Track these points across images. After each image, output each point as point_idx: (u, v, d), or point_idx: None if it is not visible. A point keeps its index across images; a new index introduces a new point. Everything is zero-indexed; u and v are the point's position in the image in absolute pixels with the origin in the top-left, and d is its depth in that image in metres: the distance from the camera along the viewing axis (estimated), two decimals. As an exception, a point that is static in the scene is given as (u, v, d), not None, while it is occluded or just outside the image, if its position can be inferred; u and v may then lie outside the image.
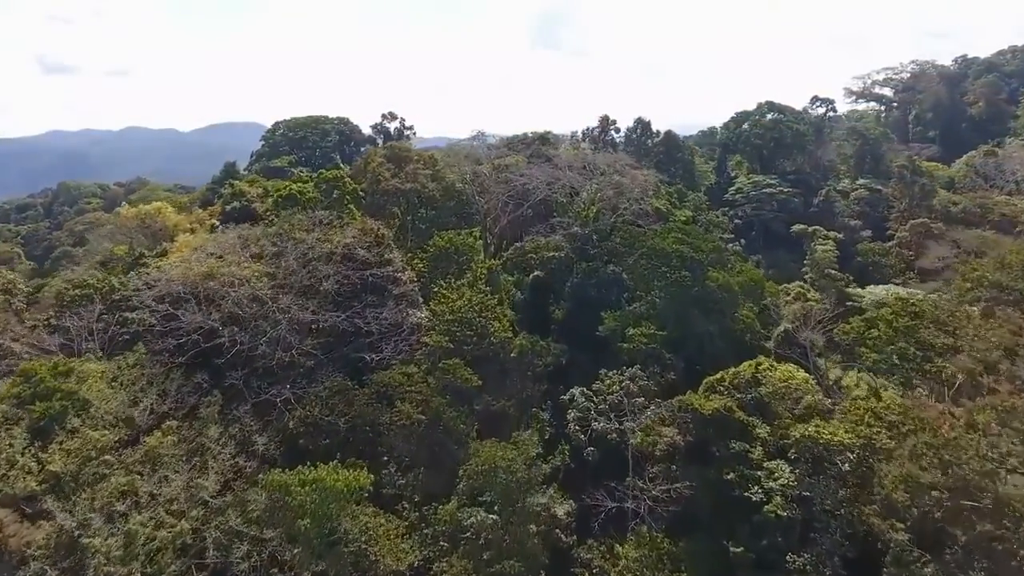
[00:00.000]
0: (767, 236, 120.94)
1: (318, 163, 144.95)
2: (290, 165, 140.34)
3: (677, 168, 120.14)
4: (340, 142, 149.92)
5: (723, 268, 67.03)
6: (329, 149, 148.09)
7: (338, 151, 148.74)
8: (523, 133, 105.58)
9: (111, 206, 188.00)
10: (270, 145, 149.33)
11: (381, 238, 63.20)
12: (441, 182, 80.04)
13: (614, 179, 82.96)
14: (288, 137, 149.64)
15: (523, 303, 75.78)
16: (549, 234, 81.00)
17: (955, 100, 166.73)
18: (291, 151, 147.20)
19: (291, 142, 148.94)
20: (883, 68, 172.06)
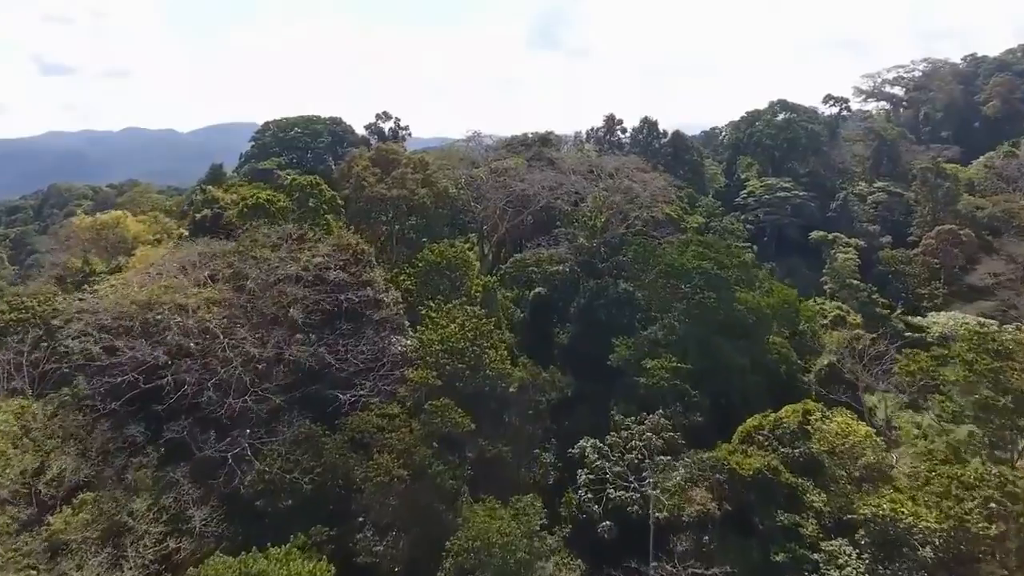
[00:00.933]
0: (780, 242, 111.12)
1: (310, 165, 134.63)
2: (279, 167, 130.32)
3: (686, 170, 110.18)
4: (333, 143, 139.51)
5: (751, 286, 57.27)
6: (321, 150, 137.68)
7: (330, 152, 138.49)
8: (523, 134, 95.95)
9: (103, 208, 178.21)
10: (259, 146, 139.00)
11: (360, 254, 53.31)
12: (432, 188, 70.13)
13: (623, 183, 73.05)
14: (278, 138, 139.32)
15: (523, 323, 66.04)
16: (552, 245, 71.34)
17: (968, 99, 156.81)
18: (281, 152, 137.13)
19: (281, 143, 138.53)
20: (894, 66, 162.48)
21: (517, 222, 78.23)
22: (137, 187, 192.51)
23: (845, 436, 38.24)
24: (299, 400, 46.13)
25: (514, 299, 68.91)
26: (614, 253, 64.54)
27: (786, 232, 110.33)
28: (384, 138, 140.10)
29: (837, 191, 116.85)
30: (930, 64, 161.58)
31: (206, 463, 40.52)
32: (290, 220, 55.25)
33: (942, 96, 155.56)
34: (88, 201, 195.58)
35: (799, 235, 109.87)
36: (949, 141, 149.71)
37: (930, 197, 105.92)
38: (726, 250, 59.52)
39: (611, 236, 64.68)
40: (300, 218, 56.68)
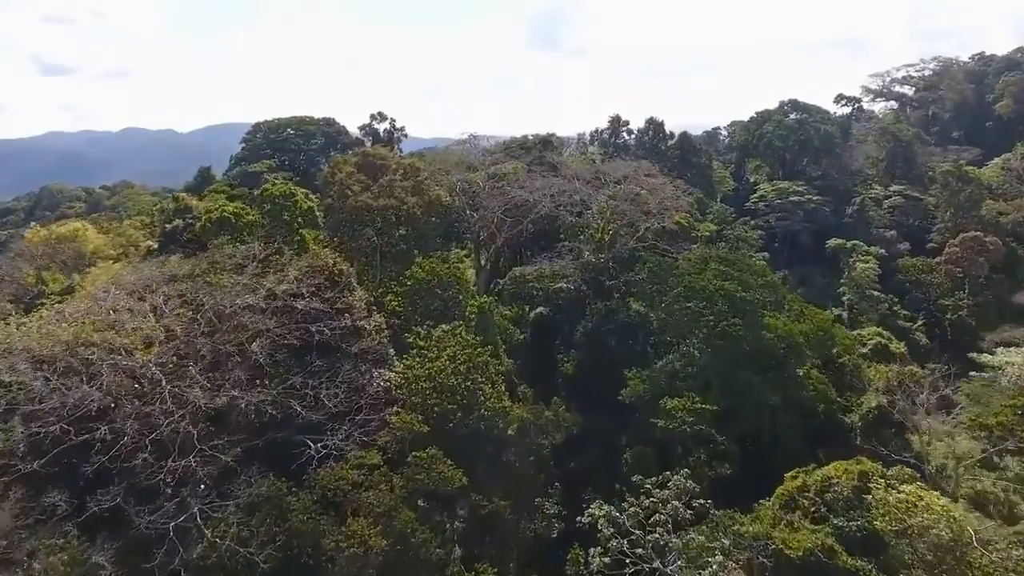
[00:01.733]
0: (793, 249, 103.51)
1: (302, 167, 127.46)
2: (270, 170, 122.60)
3: (693, 173, 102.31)
4: (326, 144, 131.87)
5: (779, 309, 49.57)
6: (314, 152, 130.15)
7: (324, 154, 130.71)
8: (523, 136, 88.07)
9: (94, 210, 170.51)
10: (250, 148, 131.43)
11: (338, 276, 45.58)
12: (424, 196, 62.32)
13: (631, 190, 65.16)
14: (270, 139, 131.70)
15: (523, 345, 58.37)
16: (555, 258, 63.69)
17: (980, 98, 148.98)
18: (273, 154, 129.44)
19: (273, 145, 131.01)
20: (903, 65, 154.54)
21: (516, 231, 70.40)
22: (130, 189, 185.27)
23: (915, 511, 30.54)
24: (261, 451, 38.44)
25: (513, 318, 61.23)
26: (624, 269, 56.83)
27: (799, 238, 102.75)
28: (379, 139, 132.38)
29: (852, 195, 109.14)
30: (941, 63, 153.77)
31: (141, 539, 32.84)
32: (259, 236, 47.42)
33: (953, 96, 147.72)
34: (81, 203, 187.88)
35: (813, 241, 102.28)
36: (960, 141, 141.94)
37: (951, 202, 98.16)
38: (749, 268, 51.71)
39: (620, 250, 56.93)
40: (271, 233, 48.88)
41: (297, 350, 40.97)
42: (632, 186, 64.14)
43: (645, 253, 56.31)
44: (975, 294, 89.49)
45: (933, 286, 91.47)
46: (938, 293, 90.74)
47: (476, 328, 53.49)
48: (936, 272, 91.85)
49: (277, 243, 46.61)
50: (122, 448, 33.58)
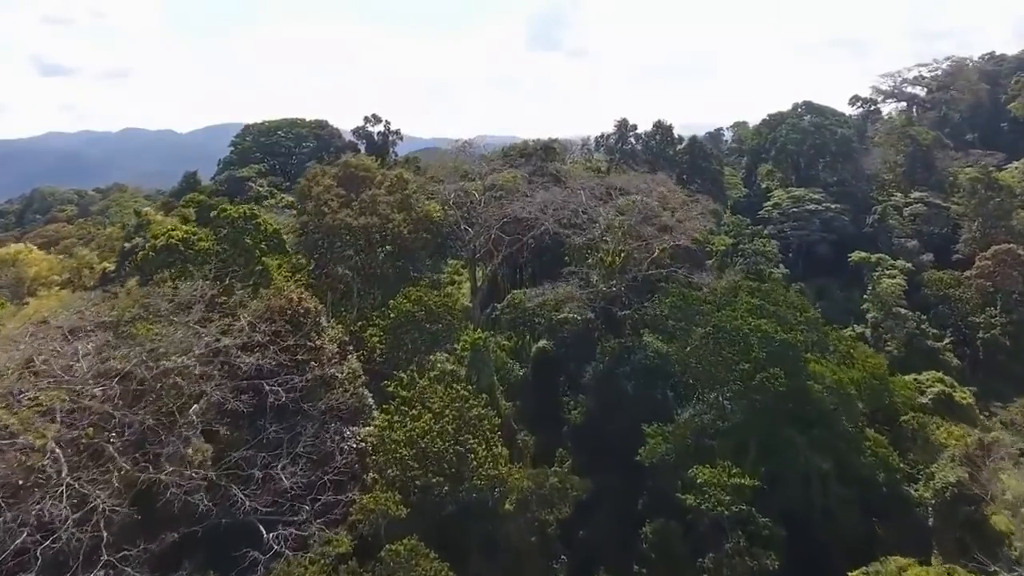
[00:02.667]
0: (809, 260, 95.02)
1: (293, 172, 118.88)
2: (259, 174, 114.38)
3: (704, 180, 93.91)
4: (318, 148, 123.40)
5: (823, 351, 41.28)
6: (305, 156, 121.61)
7: (316, 158, 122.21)
8: (523, 142, 79.56)
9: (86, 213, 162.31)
10: (239, 152, 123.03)
11: (304, 316, 37.33)
12: (412, 212, 54.00)
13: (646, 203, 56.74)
14: (260, 143, 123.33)
15: (524, 383, 50.08)
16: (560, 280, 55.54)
17: (995, 99, 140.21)
18: (263, 158, 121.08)
19: (263, 148, 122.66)
20: (916, 65, 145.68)
21: (516, 248, 62.09)
22: (122, 192, 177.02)
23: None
24: (201, 541, 30.27)
25: (512, 350, 52.98)
26: (638, 297, 48.56)
27: (815, 248, 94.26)
28: (373, 143, 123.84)
29: (869, 202, 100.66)
30: (953, 63, 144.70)
31: None
32: (213, 267, 39.02)
33: (967, 96, 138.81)
34: (72, 206, 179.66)
35: (831, 252, 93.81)
36: (975, 143, 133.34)
37: (979, 211, 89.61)
38: (786, 301, 43.33)
39: (634, 276, 48.54)
40: (228, 262, 40.49)
41: (248, 415, 32.68)
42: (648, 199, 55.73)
43: (663, 281, 47.98)
44: (1009, 311, 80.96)
45: (962, 301, 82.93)
46: (968, 309, 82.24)
47: (469, 366, 45.35)
48: (966, 287, 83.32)
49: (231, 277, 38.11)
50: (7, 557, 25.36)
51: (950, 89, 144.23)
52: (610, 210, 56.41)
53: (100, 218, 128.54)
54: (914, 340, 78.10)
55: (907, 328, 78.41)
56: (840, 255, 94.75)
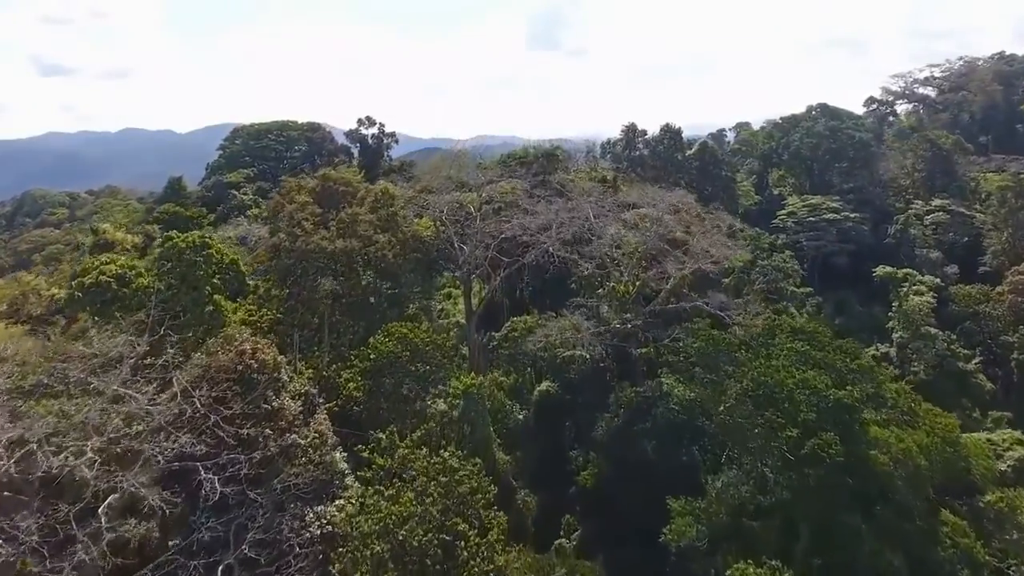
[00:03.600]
0: (826, 271, 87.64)
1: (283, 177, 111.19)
2: (247, 180, 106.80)
3: (715, 187, 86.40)
4: (310, 152, 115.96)
5: (879, 405, 33.85)
6: (296, 160, 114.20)
7: (308, 162, 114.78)
8: (523, 149, 71.97)
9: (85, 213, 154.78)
10: (227, 156, 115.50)
11: (258, 371, 29.90)
12: (398, 232, 46.52)
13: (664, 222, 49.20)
14: (249, 146, 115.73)
15: (525, 431, 42.73)
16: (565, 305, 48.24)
17: (1009, 101, 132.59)
18: (252, 163, 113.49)
19: (252, 152, 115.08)
20: (927, 65, 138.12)
21: (515, 269, 54.59)
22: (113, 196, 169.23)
23: None
24: None
25: (511, 388, 45.64)
26: (655, 332, 41.12)
27: (832, 260, 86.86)
28: (367, 146, 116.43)
29: (888, 209, 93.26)
30: (966, 63, 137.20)
31: None
32: (154, 309, 31.55)
33: (980, 97, 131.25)
34: (63, 209, 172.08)
35: (849, 264, 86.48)
36: (988, 146, 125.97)
37: (1009, 221, 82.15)
38: (831, 343, 35.82)
39: (652, 309, 40.94)
40: (172, 303, 33.04)
41: (177, 511, 25.27)
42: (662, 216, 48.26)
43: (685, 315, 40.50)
44: (1044, 330, 73.66)
45: (993, 319, 75.50)
46: (1000, 327, 74.80)
47: (462, 415, 38.05)
48: (996, 303, 75.88)
49: (172, 323, 30.57)
50: None
51: (962, 90, 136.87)
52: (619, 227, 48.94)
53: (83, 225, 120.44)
54: (944, 362, 70.82)
55: (936, 349, 71.05)
56: (858, 266, 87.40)
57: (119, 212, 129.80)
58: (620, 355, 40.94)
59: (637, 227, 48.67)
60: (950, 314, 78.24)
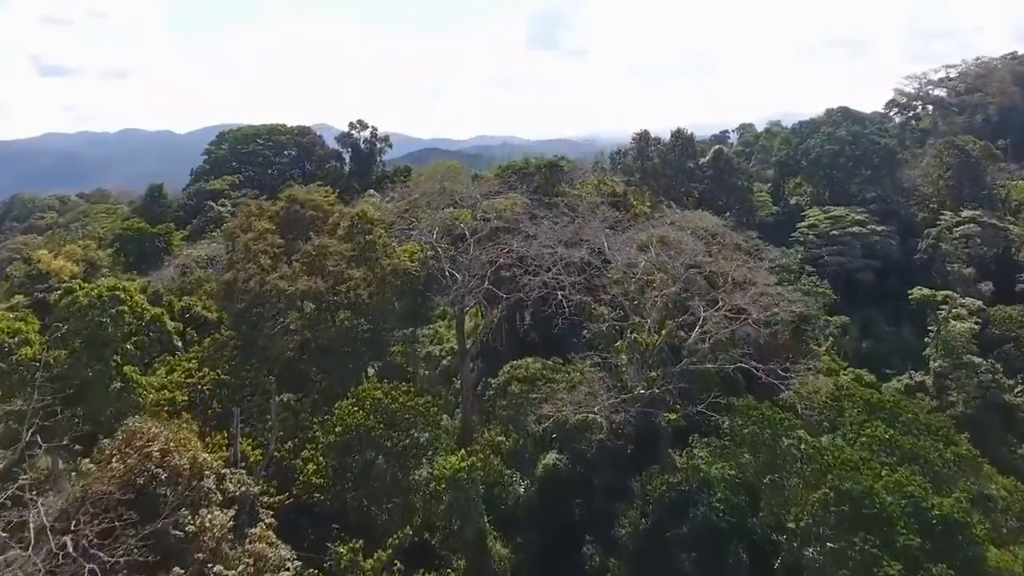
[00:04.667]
0: (849, 289, 78.96)
1: (273, 184, 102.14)
2: (233, 187, 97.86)
3: (730, 197, 77.67)
4: (299, 157, 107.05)
5: (992, 513, 25.19)
6: (285, 166, 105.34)
7: (298, 167, 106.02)
8: (523, 160, 63.03)
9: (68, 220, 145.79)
10: (213, 161, 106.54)
11: (173, 479, 21.31)
12: (377, 265, 37.79)
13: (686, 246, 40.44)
14: (236, 151, 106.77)
15: (527, 508, 34.11)
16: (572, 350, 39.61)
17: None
18: (240, 168, 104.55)
19: (239, 157, 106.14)
20: (943, 66, 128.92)
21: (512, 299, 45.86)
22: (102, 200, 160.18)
23: None
24: None
25: (510, 453, 37.00)
26: (689, 397, 32.40)
27: (857, 277, 78.22)
28: (359, 151, 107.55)
29: (913, 220, 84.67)
30: (982, 64, 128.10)
31: None
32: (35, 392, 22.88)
33: (1000, 99, 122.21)
34: (52, 213, 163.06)
35: (875, 281, 77.97)
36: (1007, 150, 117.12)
37: (1050, 236, 73.64)
38: (920, 422, 27.20)
39: (685, 368, 32.17)
40: (66, 379, 24.41)
41: None
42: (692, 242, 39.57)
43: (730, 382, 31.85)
44: (1093, 356, 65.22)
45: (1039, 344, 67.11)
46: (1046, 353, 66.39)
47: (449, 505, 29.62)
48: (1041, 325, 67.51)
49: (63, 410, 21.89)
50: None
51: (977, 91, 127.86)
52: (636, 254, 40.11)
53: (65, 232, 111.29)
54: (988, 393, 62.28)
55: (980, 379, 62.45)
56: (884, 283, 79.02)
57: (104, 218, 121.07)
58: (644, 424, 32.45)
59: (657, 256, 39.83)
60: (988, 337, 69.62)
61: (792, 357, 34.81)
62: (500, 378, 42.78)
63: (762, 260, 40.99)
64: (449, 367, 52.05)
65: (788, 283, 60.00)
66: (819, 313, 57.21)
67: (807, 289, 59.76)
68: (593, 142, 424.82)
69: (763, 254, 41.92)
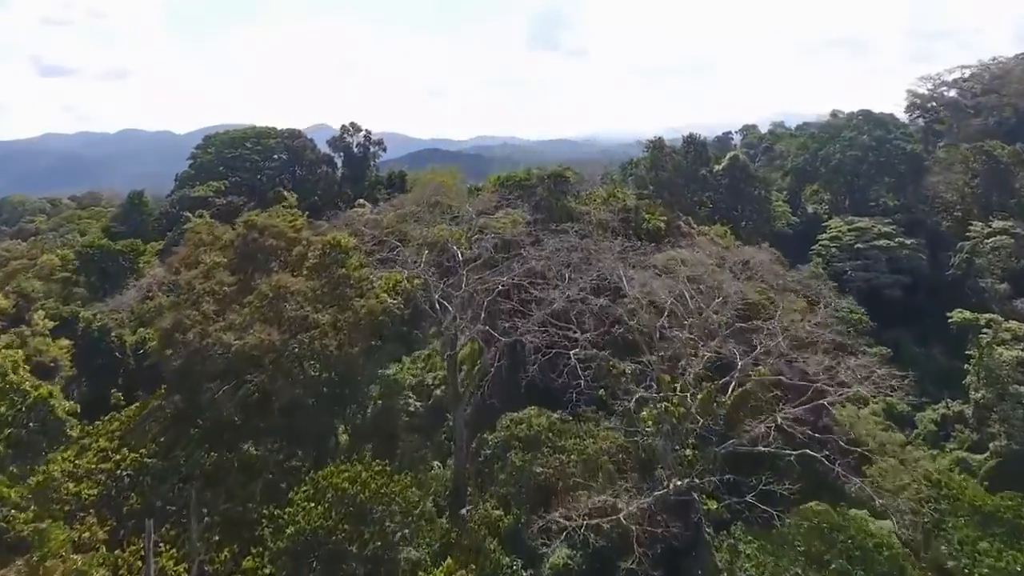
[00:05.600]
0: (874, 307, 71.47)
1: (262, 189, 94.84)
2: (218, 194, 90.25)
3: (746, 207, 70.27)
4: (289, 162, 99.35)
5: None
6: (275, 171, 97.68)
7: (287, 173, 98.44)
8: (524, 171, 55.43)
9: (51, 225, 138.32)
10: (198, 166, 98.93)
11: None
12: (349, 308, 30.38)
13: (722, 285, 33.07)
14: (222, 156, 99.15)
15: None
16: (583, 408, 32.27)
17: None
18: (227, 174, 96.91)
19: (225, 162, 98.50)
20: (957, 66, 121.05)
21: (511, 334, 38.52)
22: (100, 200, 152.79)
23: None
24: None
25: (509, 534, 29.73)
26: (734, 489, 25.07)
27: (883, 293, 70.75)
28: (351, 155, 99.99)
29: (939, 231, 77.34)
30: (1000, 64, 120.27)
31: None
32: None
33: (1018, 101, 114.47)
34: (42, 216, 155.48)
35: (904, 297, 70.45)
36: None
37: (1093, 250, 66.27)
38: None
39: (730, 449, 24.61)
40: None
41: None
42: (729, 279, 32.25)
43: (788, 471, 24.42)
44: None
45: (1086, 370, 59.55)
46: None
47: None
48: (1089, 351, 59.93)
49: None
50: None
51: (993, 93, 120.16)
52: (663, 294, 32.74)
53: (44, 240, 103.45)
54: (1038, 429, 54.95)
55: (1028, 411, 55.09)
56: (912, 300, 71.61)
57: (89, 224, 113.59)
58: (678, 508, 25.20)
59: (691, 298, 32.49)
60: (1027, 361, 62.11)
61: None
62: (499, 433, 35.53)
63: (824, 304, 33.32)
64: (443, 397, 44.75)
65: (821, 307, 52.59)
66: (859, 343, 49.74)
67: (844, 315, 52.31)
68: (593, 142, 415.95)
69: (823, 296, 34.28)
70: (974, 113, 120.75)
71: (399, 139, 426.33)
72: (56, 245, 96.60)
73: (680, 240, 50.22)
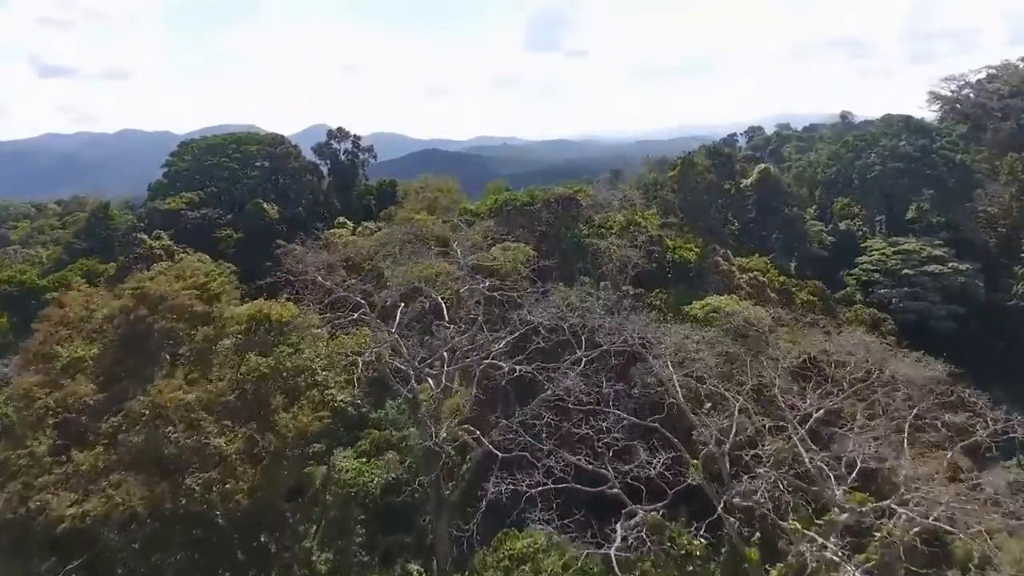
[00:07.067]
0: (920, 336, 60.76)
1: (242, 200, 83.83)
2: (191, 206, 79.10)
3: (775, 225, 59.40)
4: (272, 170, 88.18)
5: None
6: (255, 181, 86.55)
7: (269, 183, 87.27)
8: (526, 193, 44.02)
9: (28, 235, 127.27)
10: (172, 175, 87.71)
11: None
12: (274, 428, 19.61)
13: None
14: (199, 164, 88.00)
15: None
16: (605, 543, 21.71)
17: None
18: (204, 183, 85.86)
19: (203, 171, 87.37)
20: (983, 67, 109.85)
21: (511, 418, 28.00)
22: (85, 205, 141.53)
23: None
24: None
25: None
26: None
27: (932, 325, 59.95)
28: (338, 163, 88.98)
29: (989, 250, 66.55)
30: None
31: None
32: None
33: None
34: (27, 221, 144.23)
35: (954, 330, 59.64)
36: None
37: None
38: None
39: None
40: None
41: None
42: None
43: None
44: None
45: None
46: None
47: None
48: None
49: None
50: None
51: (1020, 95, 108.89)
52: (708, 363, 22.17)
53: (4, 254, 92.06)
54: None
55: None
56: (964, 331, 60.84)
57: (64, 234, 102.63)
58: None
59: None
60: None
61: None
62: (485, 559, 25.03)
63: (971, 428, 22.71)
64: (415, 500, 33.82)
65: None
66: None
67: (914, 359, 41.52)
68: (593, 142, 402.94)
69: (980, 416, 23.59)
70: (1002, 116, 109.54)
71: (398, 139, 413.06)
72: (16, 260, 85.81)
73: (719, 279, 39.56)
